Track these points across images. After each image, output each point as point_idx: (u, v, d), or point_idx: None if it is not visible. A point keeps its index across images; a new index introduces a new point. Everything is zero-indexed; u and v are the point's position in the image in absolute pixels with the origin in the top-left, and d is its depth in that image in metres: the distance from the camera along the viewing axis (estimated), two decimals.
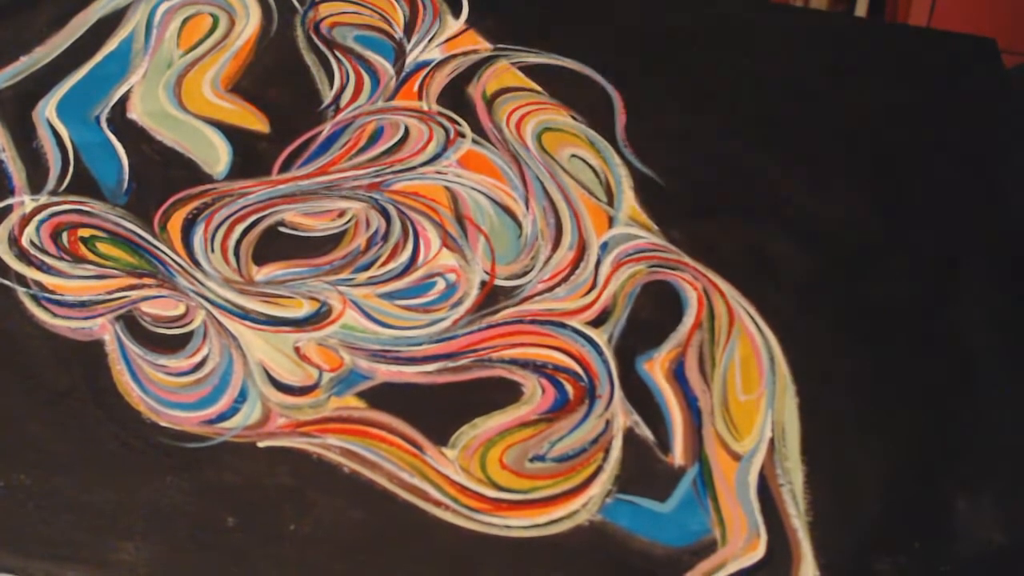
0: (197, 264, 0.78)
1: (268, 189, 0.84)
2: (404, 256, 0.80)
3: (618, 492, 0.70)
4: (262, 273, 0.79)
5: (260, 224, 0.81)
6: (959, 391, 0.77)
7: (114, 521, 0.66)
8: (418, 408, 0.72)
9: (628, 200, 0.86)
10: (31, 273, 0.77)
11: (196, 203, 0.82)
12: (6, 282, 0.76)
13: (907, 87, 0.98)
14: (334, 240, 0.81)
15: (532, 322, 0.77)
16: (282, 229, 0.81)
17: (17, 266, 0.77)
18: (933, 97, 0.97)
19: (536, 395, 0.73)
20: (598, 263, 0.81)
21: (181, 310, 0.76)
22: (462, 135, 0.89)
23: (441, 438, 0.71)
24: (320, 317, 0.76)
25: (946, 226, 0.87)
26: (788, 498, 0.70)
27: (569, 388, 0.74)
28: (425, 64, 0.94)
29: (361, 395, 0.73)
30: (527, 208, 0.84)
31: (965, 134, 0.94)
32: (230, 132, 0.87)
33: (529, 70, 0.94)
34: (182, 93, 0.90)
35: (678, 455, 0.72)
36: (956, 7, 1.48)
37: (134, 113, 0.88)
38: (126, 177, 0.84)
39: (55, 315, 0.75)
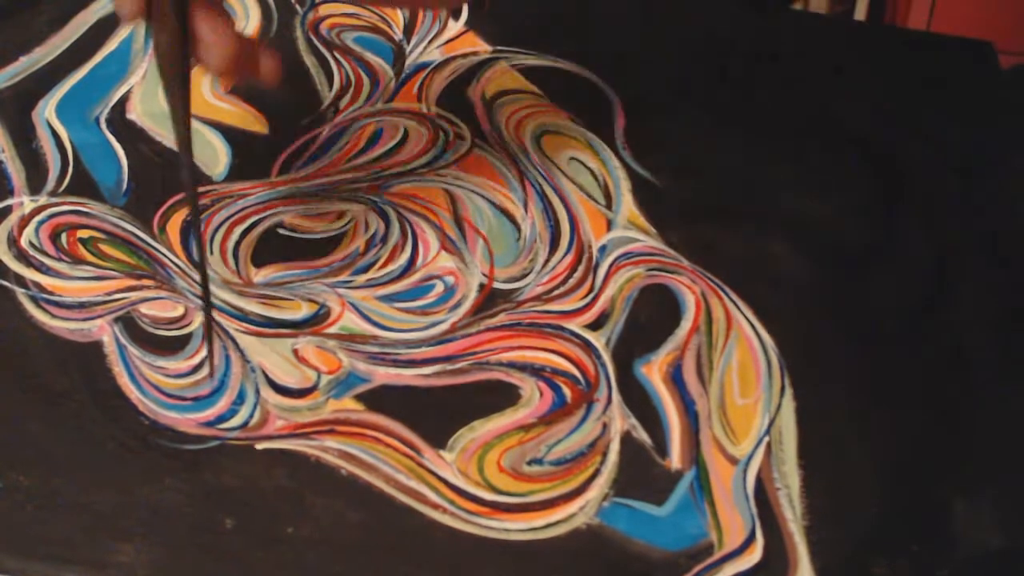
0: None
1: (267, 191, 0.84)
2: (403, 258, 0.81)
3: (615, 496, 0.70)
4: (261, 275, 0.79)
5: (259, 226, 0.81)
6: (958, 392, 0.77)
7: (113, 522, 0.66)
8: (416, 411, 0.72)
9: (627, 203, 0.86)
10: (30, 274, 0.77)
11: None
12: (5, 283, 0.77)
13: (906, 89, 0.98)
14: (333, 242, 0.81)
15: (530, 325, 0.77)
16: (281, 231, 0.81)
17: (16, 267, 0.77)
18: (932, 99, 0.97)
19: (534, 398, 0.74)
20: (596, 266, 0.81)
21: (180, 312, 0.76)
22: (461, 137, 0.89)
23: (439, 441, 0.71)
24: (319, 319, 0.76)
25: (946, 227, 0.87)
26: (785, 502, 0.70)
27: (567, 391, 0.74)
28: (424, 66, 0.94)
29: (359, 397, 0.73)
30: (525, 211, 0.84)
31: (965, 135, 0.94)
32: (229, 133, 0.87)
33: (528, 72, 0.95)
34: None
35: (675, 459, 0.72)
36: (956, 9, 1.48)
37: (134, 114, 0.88)
38: (125, 178, 0.84)
39: (54, 316, 0.75)
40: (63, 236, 0.79)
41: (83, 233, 0.80)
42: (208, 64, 0.64)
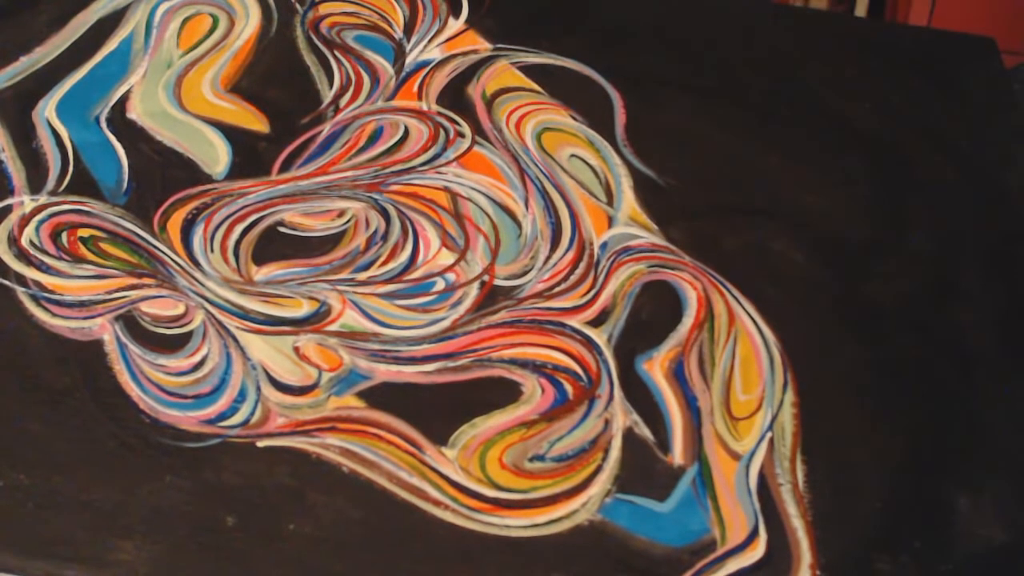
0: (196, 264, 0.78)
1: (268, 189, 0.84)
2: (404, 256, 0.80)
3: (617, 492, 0.70)
4: (261, 273, 0.79)
5: (259, 224, 0.81)
6: (959, 391, 0.77)
7: (114, 521, 0.66)
8: (417, 408, 0.72)
9: (628, 200, 0.86)
10: (31, 273, 0.77)
11: (196, 203, 0.82)
12: (6, 282, 0.76)
13: (907, 87, 0.98)
14: (334, 240, 0.81)
15: (531, 322, 0.77)
16: (281, 229, 0.81)
17: (17, 266, 0.77)
18: (933, 97, 0.97)
19: (536, 395, 0.74)
20: (597, 263, 0.81)
21: (180, 310, 0.76)
22: (462, 135, 0.89)
23: (440, 438, 0.71)
24: (320, 317, 0.76)
25: (946, 226, 0.87)
26: (788, 497, 0.70)
27: (568, 388, 0.74)
28: (425, 64, 0.94)
29: (360, 395, 0.73)
30: (526, 208, 0.84)
31: (965, 134, 0.94)
32: (230, 132, 0.87)
33: (528, 70, 0.95)
34: (182, 93, 0.90)
35: (677, 455, 0.72)
36: (956, 7, 1.48)
37: (134, 113, 0.88)
38: (126, 177, 0.84)
39: (55, 315, 0.75)
40: (64, 235, 0.79)
41: (84, 232, 0.80)
42: None
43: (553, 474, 0.70)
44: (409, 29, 0.97)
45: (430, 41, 0.96)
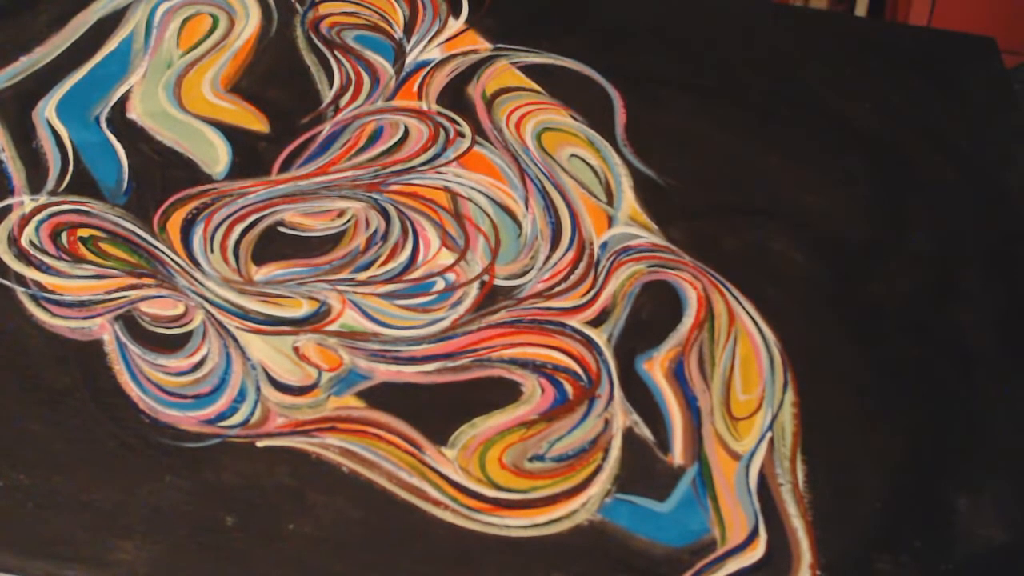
0: (196, 264, 0.78)
1: (267, 189, 0.84)
2: (403, 256, 0.80)
3: (617, 492, 0.70)
4: (261, 273, 0.79)
5: (259, 224, 0.81)
6: (959, 391, 0.77)
7: (113, 520, 0.66)
8: (417, 408, 0.72)
9: (628, 200, 0.86)
10: (30, 273, 0.77)
11: (195, 203, 0.82)
12: (5, 282, 0.76)
13: (907, 87, 0.98)
14: (333, 240, 0.81)
15: (531, 322, 0.77)
16: (281, 229, 0.81)
17: (16, 266, 0.77)
18: (933, 97, 0.97)
19: (535, 395, 0.73)
20: (597, 262, 0.81)
21: (180, 310, 0.76)
22: (462, 135, 0.89)
23: (440, 438, 0.71)
24: (319, 317, 0.76)
25: (946, 226, 0.87)
26: (788, 497, 0.70)
27: (568, 388, 0.74)
28: (425, 64, 0.94)
29: (360, 395, 0.73)
30: (526, 208, 0.84)
31: (965, 134, 0.94)
32: (230, 132, 0.87)
33: (529, 70, 0.95)
34: (182, 93, 0.90)
35: (678, 455, 0.72)
36: (956, 7, 1.48)
37: (134, 113, 0.88)
38: (125, 177, 0.84)
39: (54, 315, 0.75)
40: (63, 235, 0.79)
41: (83, 232, 0.80)
42: None
43: (553, 474, 0.70)
44: (409, 29, 0.97)
45: (430, 41, 0.96)
